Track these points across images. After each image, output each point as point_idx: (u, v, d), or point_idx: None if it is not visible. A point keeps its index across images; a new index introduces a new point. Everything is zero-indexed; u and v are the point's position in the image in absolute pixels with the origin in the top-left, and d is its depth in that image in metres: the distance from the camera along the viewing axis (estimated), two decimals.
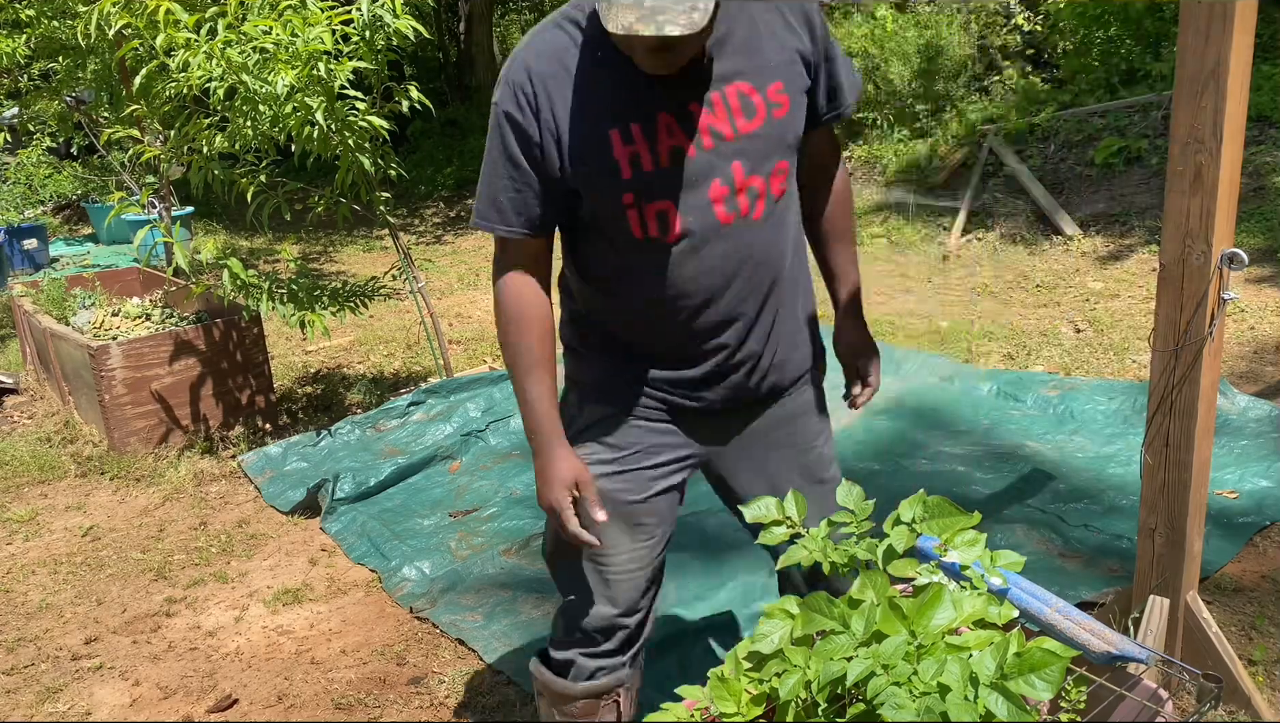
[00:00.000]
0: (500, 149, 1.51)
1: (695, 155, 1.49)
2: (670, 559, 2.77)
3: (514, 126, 1.49)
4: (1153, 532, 2.01)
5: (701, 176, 1.50)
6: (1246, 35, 1.71)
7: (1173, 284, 1.86)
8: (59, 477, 3.94)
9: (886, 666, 1.12)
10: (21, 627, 2.89)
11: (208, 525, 3.46)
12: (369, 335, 5.71)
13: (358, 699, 2.44)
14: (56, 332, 4.36)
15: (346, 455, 3.81)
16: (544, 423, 1.58)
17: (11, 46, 4.92)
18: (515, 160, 1.50)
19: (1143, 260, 5.48)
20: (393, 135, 3.91)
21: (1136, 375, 3.99)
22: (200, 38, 3.46)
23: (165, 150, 3.95)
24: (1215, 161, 1.75)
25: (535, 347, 1.57)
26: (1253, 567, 2.61)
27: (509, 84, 1.49)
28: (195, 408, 4.10)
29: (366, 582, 3.02)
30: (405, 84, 3.93)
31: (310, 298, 3.93)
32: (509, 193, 1.52)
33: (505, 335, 1.59)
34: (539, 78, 1.47)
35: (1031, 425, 3.62)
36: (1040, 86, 7.80)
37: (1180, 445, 1.92)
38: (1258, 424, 3.37)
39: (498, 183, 1.53)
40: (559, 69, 1.47)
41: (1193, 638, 2.02)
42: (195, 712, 2.46)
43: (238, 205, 4.16)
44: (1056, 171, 6.74)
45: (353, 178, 3.86)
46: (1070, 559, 2.70)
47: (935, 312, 5.22)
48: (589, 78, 1.47)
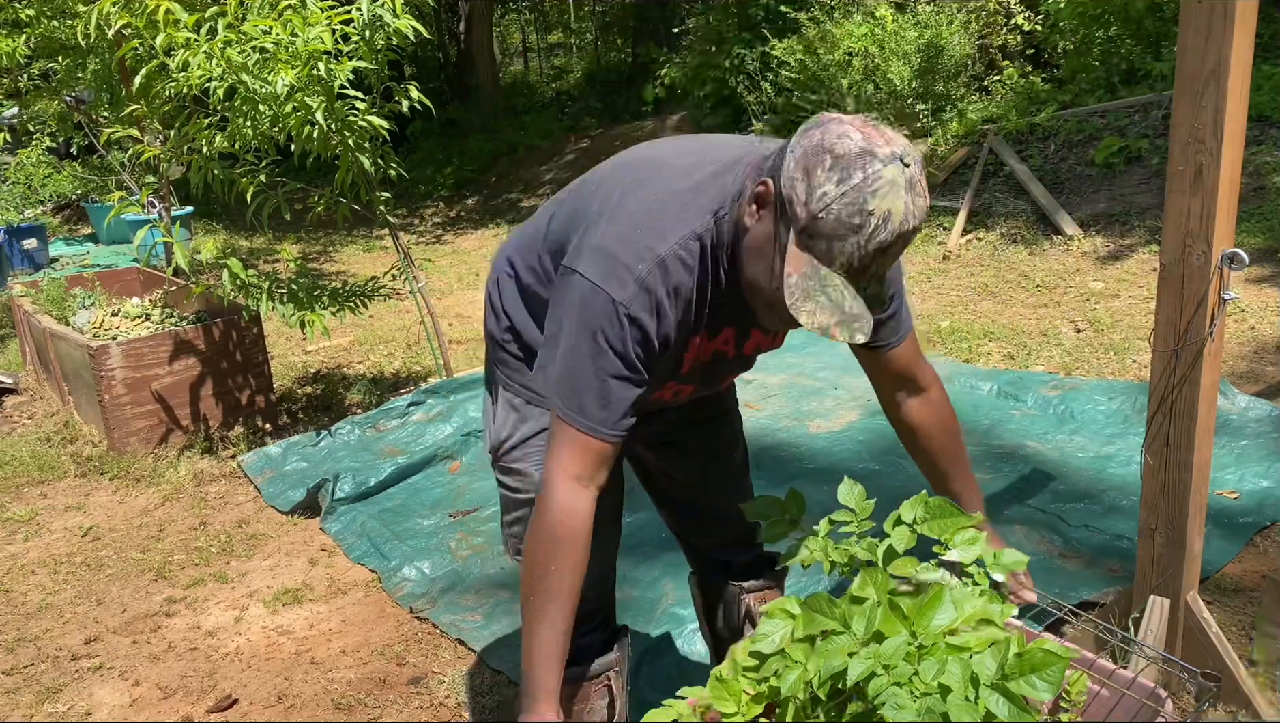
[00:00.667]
0: (601, 349, 1.39)
1: (733, 357, 1.64)
2: (669, 560, 2.79)
3: (637, 335, 1.39)
4: (1153, 532, 2.01)
5: (726, 372, 1.70)
6: (1247, 35, 1.71)
7: (1173, 284, 1.86)
8: (59, 477, 3.94)
9: (887, 666, 1.12)
10: (21, 627, 2.89)
11: (207, 526, 3.46)
12: (369, 335, 5.71)
13: (358, 699, 2.44)
14: (56, 332, 4.36)
15: (346, 455, 3.81)
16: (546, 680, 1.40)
17: (11, 46, 4.92)
18: (612, 366, 1.39)
19: (1143, 260, 5.47)
20: (393, 135, 3.91)
21: (1137, 375, 3.99)
22: (200, 37, 3.46)
23: (165, 150, 3.95)
24: (1216, 161, 1.74)
25: (567, 576, 1.40)
26: (1253, 567, 2.61)
27: (641, 286, 1.37)
28: (195, 408, 4.10)
29: (366, 582, 3.02)
30: (405, 84, 3.93)
31: (310, 298, 3.93)
32: (603, 390, 1.39)
33: (538, 550, 1.42)
34: (672, 290, 1.40)
35: (1031, 425, 3.62)
36: (1040, 86, 7.80)
37: (1180, 445, 1.92)
38: (1258, 424, 3.37)
39: (591, 379, 1.39)
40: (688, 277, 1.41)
41: (1193, 638, 2.02)
42: (195, 712, 2.46)
43: (237, 205, 4.15)
44: (1056, 171, 6.74)
45: (353, 178, 3.86)
46: (1070, 559, 2.70)
47: (935, 312, 5.22)
48: (704, 301, 1.45)
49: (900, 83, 7.78)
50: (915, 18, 8.05)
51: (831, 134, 1.26)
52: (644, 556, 2.87)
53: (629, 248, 1.38)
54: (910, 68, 7.79)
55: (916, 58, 7.80)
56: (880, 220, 1.23)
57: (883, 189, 1.22)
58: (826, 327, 1.25)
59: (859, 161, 1.23)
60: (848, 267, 1.26)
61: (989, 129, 7.29)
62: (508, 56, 18.06)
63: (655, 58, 10.88)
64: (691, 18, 11.46)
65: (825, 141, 1.25)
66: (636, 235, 1.39)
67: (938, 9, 8.14)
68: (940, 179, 7.20)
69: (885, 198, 1.22)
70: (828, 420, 3.84)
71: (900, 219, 1.24)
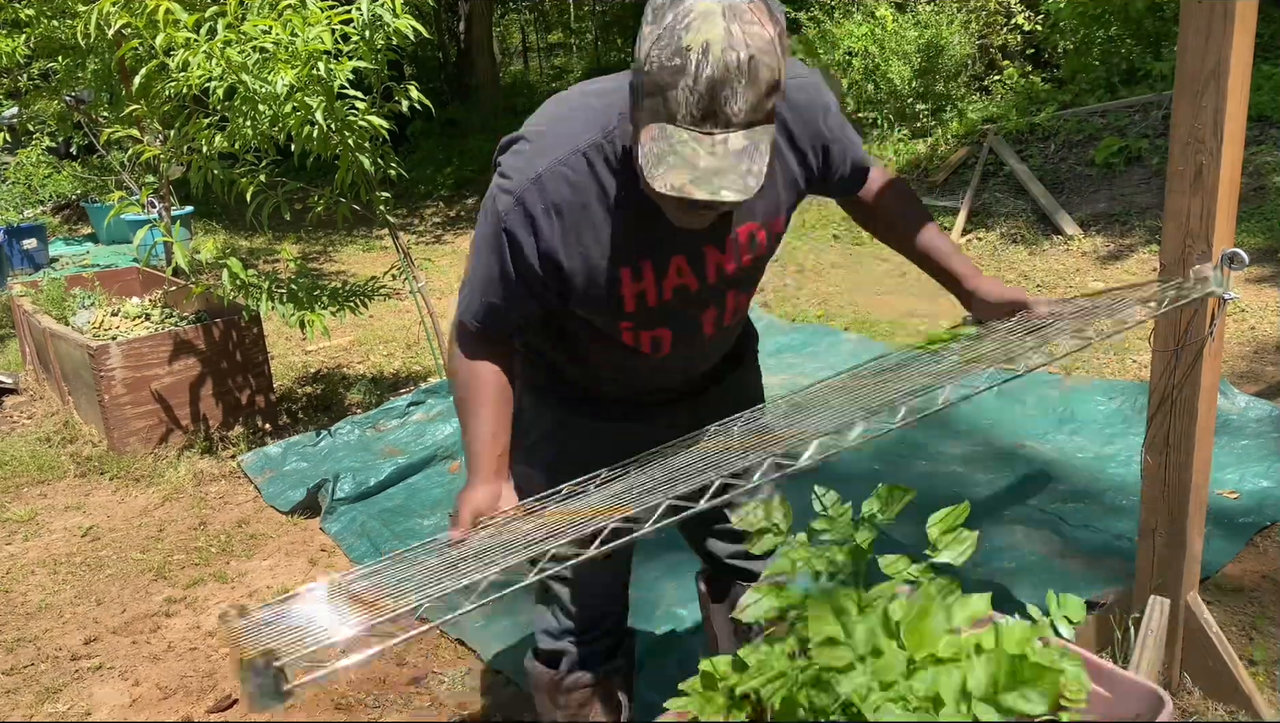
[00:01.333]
0: (498, 262, 1.43)
1: (698, 289, 1.50)
2: (669, 560, 2.78)
3: (515, 248, 1.41)
4: (1153, 532, 2.01)
5: (699, 307, 1.53)
6: (1247, 35, 1.71)
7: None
8: (58, 477, 3.94)
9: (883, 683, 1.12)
10: (21, 627, 2.89)
11: (207, 525, 3.46)
12: (369, 335, 5.71)
13: (358, 699, 2.44)
14: (56, 331, 4.36)
15: (346, 455, 3.81)
16: (480, 460, 1.48)
17: (11, 46, 4.91)
18: (508, 278, 1.43)
19: (1143, 260, 5.47)
20: (392, 135, 3.90)
21: (1137, 375, 3.99)
22: (200, 37, 3.46)
23: (165, 150, 3.95)
24: (1215, 161, 1.74)
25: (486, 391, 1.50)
26: (1253, 567, 2.61)
27: (520, 204, 1.38)
28: (195, 408, 4.10)
29: None
30: (405, 84, 3.93)
31: (310, 298, 3.93)
32: (496, 301, 1.46)
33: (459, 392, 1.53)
34: (554, 209, 1.38)
35: (1031, 425, 3.62)
36: (1040, 86, 7.80)
37: (1180, 446, 1.92)
38: (1258, 424, 3.36)
39: (491, 289, 1.45)
40: (576, 203, 1.39)
41: (1193, 638, 2.02)
42: (195, 712, 2.46)
43: (237, 205, 4.15)
44: (1057, 171, 6.73)
45: (352, 177, 3.85)
46: (1070, 559, 2.70)
47: (935, 311, 5.22)
48: (607, 216, 1.40)
49: (900, 83, 7.79)
50: (915, 18, 8.05)
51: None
52: (645, 555, 2.86)
53: (513, 167, 1.40)
54: (910, 68, 7.79)
55: (916, 58, 7.80)
56: (700, 53, 1.15)
57: (694, 21, 1.15)
58: (680, 186, 1.18)
59: (672, 2, 1.18)
60: (690, 116, 1.17)
61: (989, 129, 7.29)
62: (508, 56, 18.06)
63: None
64: None
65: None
66: (523, 155, 1.40)
67: (938, 9, 8.14)
68: (940, 179, 7.21)
69: (699, 31, 1.15)
70: None
71: (722, 47, 1.14)
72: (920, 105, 7.89)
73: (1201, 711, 2.01)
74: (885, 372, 1.50)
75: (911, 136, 7.88)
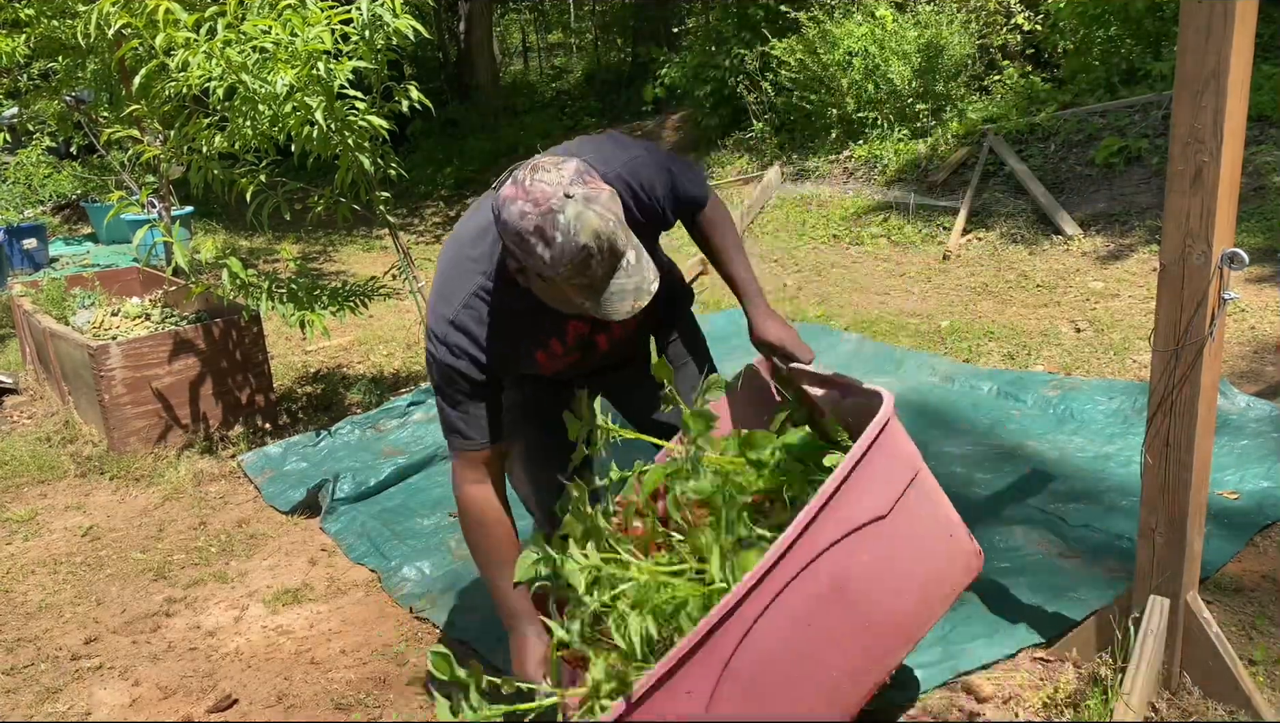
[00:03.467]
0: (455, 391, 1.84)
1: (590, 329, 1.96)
2: None
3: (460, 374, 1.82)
4: (1153, 532, 2.01)
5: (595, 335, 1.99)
6: (1247, 35, 1.71)
7: (1173, 284, 1.86)
8: (58, 477, 3.94)
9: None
10: (21, 627, 2.89)
11: (207, 525, 3.46)
12: (369, 335, 5.71)
13: (358, 699, 2.44)
14: (56, 331, 4.36)
15: (346, 455, 3.81)
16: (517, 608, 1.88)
17: (11, 46, 4.92)
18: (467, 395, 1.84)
19: (1143, 260, 5.47)
20: (392, 135, 3.91)
21: (1137, 375, 3.98)
22: (200, 37, 3.46)
23: (165, 150, 3.95)
24: (1216, 161, 1.75)
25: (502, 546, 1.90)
26: (1253, 567, 2.61)
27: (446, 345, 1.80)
28: (195, 408, 4.10)
29: (366, 582, 3.02)
30: (405, 84, 3.93)
31: (310, 297, 3.93)
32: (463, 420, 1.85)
33: (471, 536, 1.92)
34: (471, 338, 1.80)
35: (1031, 425, 3.62)
36: (1040, 86, 7.80)
37: (1180, 445, 1.92)
38: (1258, 424, 3.36)
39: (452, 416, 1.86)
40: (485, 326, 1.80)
41: (1193, 638, 2.02)
42: (195, 712, 2.46)
43: (237, 205, 4.16)
44: (1057, 171, 6.73)
45: (352, 177, 3.86)
46: (1070, 559, 2.70)
47: (935, 311, 5.22)
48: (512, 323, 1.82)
49: (900, 83, 7.78)
50: (915, 18, 8.05)
51: (513, 215, 1.56)
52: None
53: (433, 314, 1.83)
54: (910, 67, 7.79)
55: (916, 57, 7.80)
56: (596, 242, 1.55)
57: (573, 225, 1.54)
58: (632, 309, 1.63)
59: (547, 225, 1.54)
60: (610, 271, 1.60)
61: (989, 129, 7.29)
62: (508, 56, 18.06)
63: (655, 57, 10.86)
64: (691, 18, 11.46)
65: (513, 225, 1.57)
66: (435, 305, 1.83)
67: (938, 9, 8.14)
68: (940, 178, 7.21)
69: (584, 230, 1.54)
70: None
71: (599, 223, 1.55)
72: (920, 105, 7.89)
73: (1201, 710, 2.01)
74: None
75: (911, 136, 7.88)
